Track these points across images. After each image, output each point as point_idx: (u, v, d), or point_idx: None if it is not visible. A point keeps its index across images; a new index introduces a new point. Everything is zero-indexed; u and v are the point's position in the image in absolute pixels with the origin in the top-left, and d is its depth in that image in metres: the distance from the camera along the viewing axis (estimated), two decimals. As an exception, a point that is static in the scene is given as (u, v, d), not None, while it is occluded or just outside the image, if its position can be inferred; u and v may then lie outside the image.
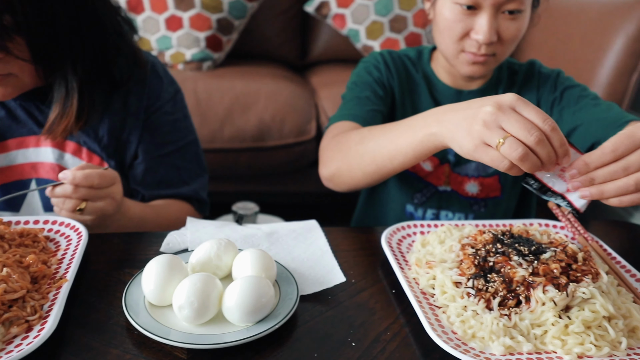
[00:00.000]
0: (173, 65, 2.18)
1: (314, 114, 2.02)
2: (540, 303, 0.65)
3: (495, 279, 0.68)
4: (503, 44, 1.01)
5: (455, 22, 1.00)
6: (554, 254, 0.70)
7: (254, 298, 0.63)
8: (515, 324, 0.65)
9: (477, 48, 1.00)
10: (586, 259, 0.71)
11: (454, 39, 1.01)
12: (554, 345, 0.62)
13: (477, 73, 1.05)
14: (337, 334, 0.65)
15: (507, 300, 0.67)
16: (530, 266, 0.68)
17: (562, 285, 0.65)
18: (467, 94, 1.13)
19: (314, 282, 0.75)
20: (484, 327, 0.64)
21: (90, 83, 0.93)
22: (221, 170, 1.95)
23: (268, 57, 2.48)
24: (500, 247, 0.73)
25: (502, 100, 0.68)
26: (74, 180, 0.80)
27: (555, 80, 1.11)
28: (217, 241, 0.73)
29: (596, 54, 2.10)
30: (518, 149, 0.66)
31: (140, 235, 0.87)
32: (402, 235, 0.86)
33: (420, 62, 1.17)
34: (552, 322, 0.63)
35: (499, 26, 0.99)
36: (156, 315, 0.65)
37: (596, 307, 0.64)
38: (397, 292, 0.74)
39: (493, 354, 0.61)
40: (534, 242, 0.74)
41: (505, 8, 0.97)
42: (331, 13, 2.36)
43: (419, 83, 1.15)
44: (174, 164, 1.06)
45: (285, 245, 0.83)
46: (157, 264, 0.67)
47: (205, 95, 1.95)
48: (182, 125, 1.08)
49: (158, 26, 2.15)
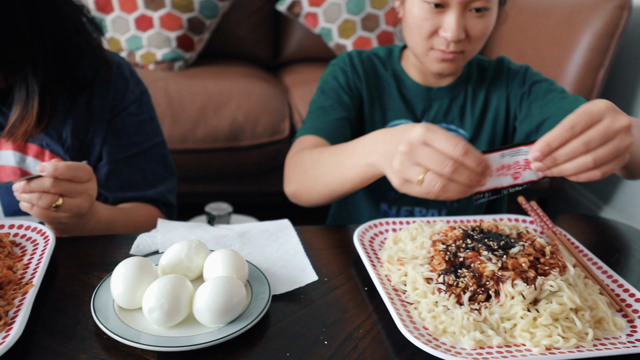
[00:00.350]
0: (144, 66, 2.16)
1: (287, 113, 2.01)
2: (509, 297, 0.66)
3: (466, 274, 0.69)
4: (471, 41, 1.02)
5: (423, 20, 1.01)
6: (523, 248, 0.71)
7: (225, 299, 0.63)
8: (485, 318, 0.65)
9: (445, 45, 1.02)
10: (554, 252, 0.72)
11: (423, 36, 1.03)
12: (523, 338, 0.63)
13: (446, 70, 1.06)
14: (309, 333, 0.65)
15: (477, 295, 0.67)
16: (499, 261, 0.69)
17: (531, 279, 0.66)
18: (437, 90, 1.14)
19: (286, 282, 0.75)
20: (454, 322, 0.64)
21: (52, 85, 0.90)
22: (194, 171, 1.93)
23: (240, 56, 2.47)
24: (470, 243, 0.73)
25: (412, 137, 0.69)
26: (55, 172, 0.75)
27: (523, 75, 1.13)
28: (187, 242, 0.72)
29: (564, 51, 2.13)
30: (437, 184, 0.68)
31: (109, 238, 0.85)
32: (375, 233, 0.87)
33: (390, 61, 1.18)
34: (521, 316, 0.64)
35: (466, 24, 1.00)
36: (126, 319, 0.64)
37: (563, 300, 0.65)
38: (370, 290, 0.74)
39: (464, 348, 0.62)
40: (503, 237, 0.75)
41: (472, 6, 0.99)
42: (303, 12, 2.36)
43: (388, 82, 1.16)
44: (140, 166, 1.05)
45: (258, 245, 0.83)
46: (126, 266, 0.66)
47: (177, 95, 1.93)
48: (148, 127, 1.07)
49: (128, 26, 2.12)
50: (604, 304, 0.68)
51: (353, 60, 1.16)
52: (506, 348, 0.62)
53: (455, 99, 1.15)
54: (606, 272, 0.77)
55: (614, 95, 2.28)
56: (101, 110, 1.00)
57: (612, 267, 0.81)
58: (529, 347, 0.62)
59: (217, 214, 1.71)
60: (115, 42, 2.14)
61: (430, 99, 1.15)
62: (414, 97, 1.15)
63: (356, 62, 1.16)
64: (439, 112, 1.14)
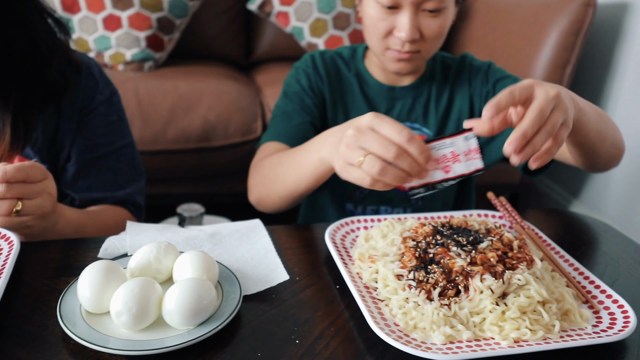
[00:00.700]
0: (113, 66, 2.13)
1: (259, 113, 2.00)
2: (478, 291, 0.66)
3: (435, 270, 0.69)
4: (426, 41, 1.03)
5: (378, 21, 1.01)
6: (491, 243, 0.72)
7: (194, 300, 0.62)
8: (455, 313, 0.66)
9: (400, 45, 1.02)
10: (521, 246, 0.73)
11: (379, 36, 1.03)
12: (492, 332, 0.64)
13: (403, 70, 1.07)
14: (280, 333, 0.65)
15: (447, 290, 0.68)
16: (468, 256, 0.70)
17: (499, 273, 0.67)
18: (400, 89, 1.15)
19: (258, 282, 0.74)
20: (425, 317, 0.65)
21: (25, 108, 0.87)
22: (165, 172, 1.91)
23: (212, 56, 2.46)
24: (440, 239, 0.74)
25: (361, 122, 0.72)
26: (5, 176, 0.72)
27: (486, 72, 1.14)
28: (156, 244, 0.71)
29: (532, 48, 2.17)
30: (376, 165, 0.69)
31: (77, 242, 0.84)
32: (346, 231, 0.87)
33: (353, 60, 1.18)
34: (490, 310, 0.65)
35: (420, 24, 1.00)
36: (93, 324, 0.63)
37: (531, 293, 0.66)
38: (341, 288, 0.74)
39: (434, 343, 0.62)
40: (472, 233, 0.75)
41: (425, 7, 0.99)
42: (274, 11, 2.35)
43: (351, 82, 1.16)
44: (108, 166, 1.03)
45: (229, 245, 0.83)
46: (92, 270, 0.65)
47: (147, 96, 1.90)
48: (116, 128, 1.05)
49: (96, 26, 2.09)
50: (571, 296, 0.69)
51: (315, 62, 1.16)
52: (475, 342, 0.63)
53: (419, 98, 1.15)
54: (573, 265, 0.79)
55: (580, 91, 2.32)
56: (70, 111, 0.98)
57: (579, 259, 0.82)
58: (498, 340, 0.63)
59: (189, 215, 1.70)
60: (83, 42, 2.10)
61: (393, 98, 1.15)
62: (377, 96, 1.15)
63: (319, 64, 1.16)
64: (402, 111, 1.15)
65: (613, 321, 0.67)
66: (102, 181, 1.03)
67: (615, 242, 0.92)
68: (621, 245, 0.91)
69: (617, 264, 0.85)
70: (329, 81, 1.15)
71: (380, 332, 0.62)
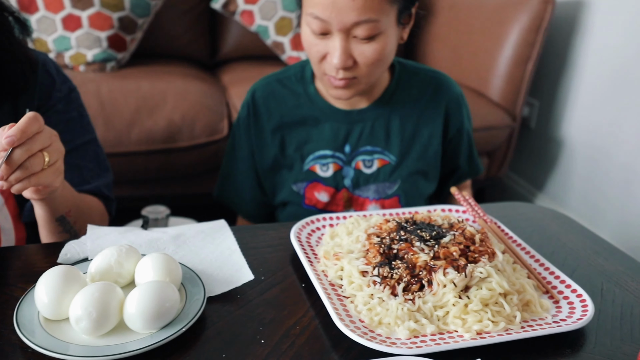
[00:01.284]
0: (74, 67, 2.08)
1: (225, 113, 1.99)
2: (441, 285, 0.67)
3: (399, 265, 0.70)
4: (361, 67, 0.96)
5: (312, 46, 0.96)
6: (453, 238, 0.73)
7: (156, 303, 0.61)
8: (419, 307, 0.67)
9: (335, 72, 0.96)
10: (483, 240, 0.74)
11: (314, 61, 0.98)
12: (455, 325, 0.65)
13: (342, 96, 1.01)
14: (246, 333, 0.65)
15: (411, 285, 0.68)
16: (431, 251, 0.70)
17: (461, 267, 0.68)
18: (357, 113, 1.09)
19: (222, 282, 0.74)
20: (389, 313, 0.65)
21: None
22: (130, 174, 1.88)
23: (176, 56, 2.42)
24: (404, 234, 0.75)
25: None
26: (25, 133, 0.68)
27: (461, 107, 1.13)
28: (117, 248, 0.70)
29: (495, 45, 2.20)
30: None
31: (35, 248, 0.82)
32: (312, 229, 0.87)
33: (302, 84, 1.11)
34: (453, 303, 0.66)
35: (353, 50, 0.94)
36: (52, 331, 0.62)
37: (492, 285, 0.67)
38: (307, 286, 0.74)
39: (399, 338, 0.63)
40: (435, 227, 0.76)
41: (355, 34, 0.92)
42: (239, 10, 2.34)
43: (303, 112, 1.10)
44: (72, 163, 1.01)
45: (193, 247, 0.82)
46: (50, 276, 0.63)
47: (110, 97, 1.87)
48: (77, 125, 1.03)
49: (55, 26, 2.04)
50: (531, 287, 0.71)
51: (258, 108, 1.11)
52: (439, 335, 0.64)
53: (379, 120, 1.09)
54: (534, 257, 0.81)
55: (541, 87, 2.37)
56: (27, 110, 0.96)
57: (540, 251, 0.84)
58: (461, 333, 0.64)
59: (154, 217, 1.67)
60: (42, 43, 2.05)
61: (351, 121, 1.09)
62: (334, 121, 1.09)
63: (261, 109, 1.11)
64: (362, 134, 1.09)
65: (572, 310, 0.69)
66: (68, 178, 1.00)
67: (575, 233, 0.94)
68: (580, 236, 0.93)
69: (576, 254, 0.87)
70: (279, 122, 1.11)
71: (345, 328, 0.62)
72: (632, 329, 0.69)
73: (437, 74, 1.13)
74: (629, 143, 1.95)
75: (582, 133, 2.17)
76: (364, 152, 1.10)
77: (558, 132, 2.29)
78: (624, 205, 1.99)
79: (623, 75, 1.98)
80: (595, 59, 2.11)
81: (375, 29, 0.92)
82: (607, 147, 2.05)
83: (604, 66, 2.07)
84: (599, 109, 2.08)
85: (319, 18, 0.91)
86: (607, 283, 0.79)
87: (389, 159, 1.10)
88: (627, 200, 1.98)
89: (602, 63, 2.07)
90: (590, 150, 2.13)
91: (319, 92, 1.10)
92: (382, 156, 1.10)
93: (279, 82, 1.13)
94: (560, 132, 2.28)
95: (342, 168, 1.11)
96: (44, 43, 2.05)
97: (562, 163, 2.28)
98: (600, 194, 2.09)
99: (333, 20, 0.90)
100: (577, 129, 2.19)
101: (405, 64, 1.13)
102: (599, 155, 2.09)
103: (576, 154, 2.20)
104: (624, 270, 0.83)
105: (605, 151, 2.05)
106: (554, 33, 2.27)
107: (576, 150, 2.20)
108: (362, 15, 0.89)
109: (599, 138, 2.08)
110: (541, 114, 2.40)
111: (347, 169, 1.11)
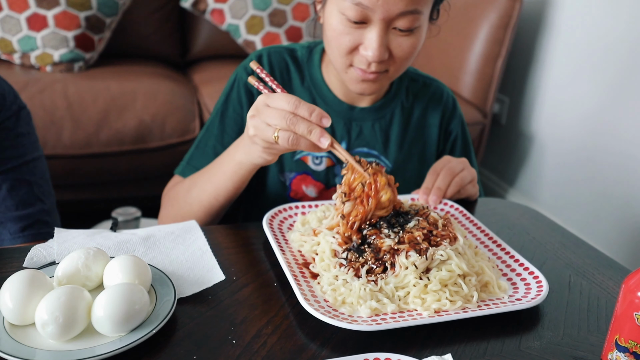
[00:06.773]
0: (40, 68, 2.04)
1: (196, 112, 1.97)
2: (403, 268, 0.70)
3: (366, 250, 0.73)
4: (396, 61, 0.90)
5: (342, 35, 0.88)
6: (418, 223, 0.75)
7: (125, 306, 0.60)
8: (381, 288, 0.70)
9: (366, 65, 0.89)
10: (446, 225, 0.77)
11: (342, 52, 0.90)
12: (415, 304, 0.68)
13: (367, 91, 0.95)
14: (217, 334, 0.64)
15: (375, 268, 0.71)
16: (397, 236, 0.73)
17: (423, 250, 0.71)
18: (359, 111, 1.04)
19: (193, 284, 0.73)
20: (352, 293, 0.68)
21: None
22: (100, 176, 1.85)
23: (146, 55, 2.39)
24: (374, 221, 0.77)
25: (256, 103, 0.77)
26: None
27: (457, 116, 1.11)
28: (85, 250, 0.69)
29: (465, 42, 2.23)
30: (290, 137, 0.73)
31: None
32: (284, 217, 0.89)
33: (309, 66, 1.05)
34: (414, 284, 0.69)
35: (390, 42, 0.88)
36: (18, 337, 0.60)
37: (452, 267, 0.70)
38: (280, 285, 0.74)
39: (360, 316, 0.66)
40: (402, 214, 0.78)
41: (397, 25, 0.86)
42: (209, 8, 2.32)
43: (303, 95, 1.04)
44: (22, 178, 0.98)
45: (163, 248, 0.81)
46: (15, 280, 0.62)
47: (78, 98, 1.84)
48: (26, 141, 1.00)
49: (19, 26, 1.99)
50: (490, 269, 0.74)
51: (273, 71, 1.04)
52: (399, 314, 0.67)
53: (379, 122, 1.05)
54: (496, 242, 0.84)
55: (511, 83, 2.41)
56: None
57: (509, 245, 0.85)
58: (420, 311, 0.67)
59: (124, 219, 1.65)
60: (7, 43, 2.00)
61: (350, 119, 1.04)
62: (334, 115, 1.02)
63: (276, 74, 1.04)
64: (359, 135, 1.04)
65: (528, 290, 0.72)
66: (17, 194, 0.98)
67: (544, 227, 0.96)
68: (549, 230, 0.95)
69: (545, 248, 0.88)
70: None
71: (310, 307, 0.64)
72: (598, 321, 0.71)
73: (434, 81, 1.11)
74: (597, 137, 2.00)
75: (551, 128, 2.21)
76: (359, 153, 1.05)
77: (528, 127, 2.33)
78: (593, 199, 2.04)
79: (589, 71, 2.02)
80: (563, 55, 2.15)
81: (417, 21, 0.87)
82: (576, 141, 2.09)
83: (571, 62, 2.11)
84: (567, 105, 2.12)
85: (362, 4, 0.84)
86: (575, 276, 0.81)
87: (384, 165, 1.06)
88: (595, 194, 2.02)
89: (569, 59, 2.12)
90: (560, 145, 2.17)
91: (325, 80, 1.04)
92: (377, 161, 1.05)
93: (291, 56, 1.06)
94: (530, 127, 2.32)
95: (335, 165, 1.05)
96: (8, 43, 2.00)
97: (533, 158, 2.32)
98: (569, 188, 2.13)
99: (378, 8, 0.83)
100: (546, 125, 2.23)
101: None
102: (568, 150, 2.13)
103: (546, 149, 2.24)
104: (591, 263, 0.85)
105: (574, 146, 2.10)
106: (522, 30, 2.31)
107: (546, 145, 2.24)
108: (410, 6, 0.84)
109: (568, 133, 2.12)
110: (511, 110, 2.44)
111: (339, 168, 1.05)
